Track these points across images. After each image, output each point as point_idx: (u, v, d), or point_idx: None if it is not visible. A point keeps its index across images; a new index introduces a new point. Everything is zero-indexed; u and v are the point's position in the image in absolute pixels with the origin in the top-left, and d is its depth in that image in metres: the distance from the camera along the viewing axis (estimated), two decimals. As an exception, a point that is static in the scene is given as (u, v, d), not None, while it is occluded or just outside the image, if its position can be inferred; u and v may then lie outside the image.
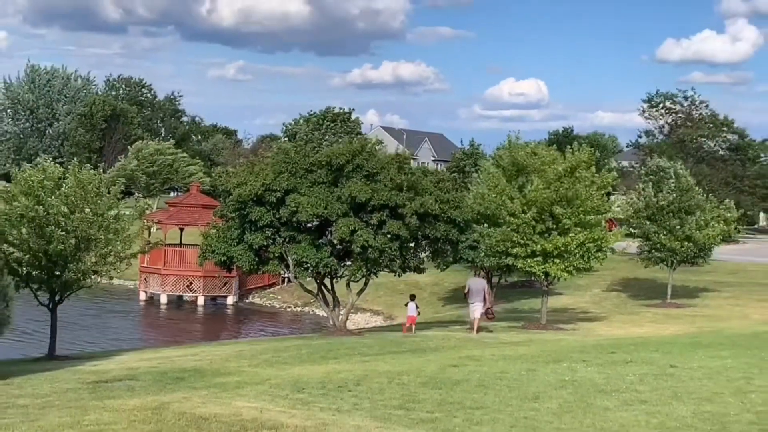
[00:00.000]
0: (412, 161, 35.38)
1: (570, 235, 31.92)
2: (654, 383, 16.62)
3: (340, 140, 43.18)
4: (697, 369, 18.73)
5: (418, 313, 35.51)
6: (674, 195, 44.11)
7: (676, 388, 16.05)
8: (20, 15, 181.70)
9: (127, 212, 31.06)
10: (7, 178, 61.30)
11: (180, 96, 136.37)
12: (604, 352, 22.41)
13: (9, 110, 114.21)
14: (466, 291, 33.75)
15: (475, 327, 31.52)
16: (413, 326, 34.02)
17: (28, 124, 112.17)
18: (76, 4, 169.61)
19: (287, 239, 32.17)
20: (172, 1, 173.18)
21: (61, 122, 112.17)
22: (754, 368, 18.92)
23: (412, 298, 36.26)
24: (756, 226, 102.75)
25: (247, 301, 54.76)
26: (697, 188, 46.27)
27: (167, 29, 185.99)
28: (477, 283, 33.19)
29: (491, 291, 38.53)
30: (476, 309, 31.95)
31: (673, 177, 45.86)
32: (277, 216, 31.72)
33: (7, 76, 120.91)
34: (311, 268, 32.34)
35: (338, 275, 33.32)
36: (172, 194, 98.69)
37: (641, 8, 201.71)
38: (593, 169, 34.09)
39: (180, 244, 54.76)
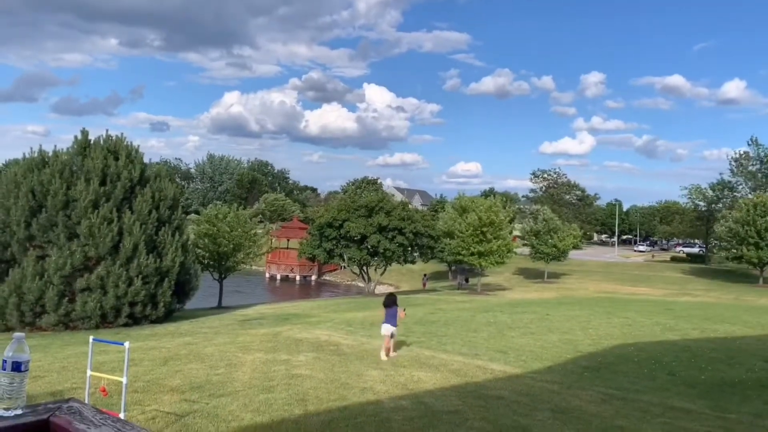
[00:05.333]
0: (409, 205, 35.33)
1: (492, 242, 31.81)
2: (538, 323, 16.48)
3: (371, 194, 42.81)
4: (561, 315, 18.58)
5: (427, 282, 39.75)
6: (544, 224, 44.22)
7: (550, 326, 15.91)
8: (205, 128, 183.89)
9: (260, 231, 31.21)
10: (197, 213, 61.60)
11: (288, 171, 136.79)
12: (511, 306, 22.27)
13: (198, 178, 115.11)
14: (454, 269, 40.55)
15: (457, 287, 36.79)
16: (425, 288, 37.82)
17: (208, 185, 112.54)
18: (235, 123, 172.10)
19: (344, 245, 32.18)
20: (285, 121, 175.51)
21: (225, 184, 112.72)
22: (592, 316, 18.79)
23: (425, 275, 38.36)
24: (592, 240, 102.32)
25: (322, 278, 54.55)
26: (559, 220, 46.27)
27: (282, 135, 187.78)
28: (460, 269, 38.85)
29: (465, 273, 41.10)
30: (460, 280, 38.38)
31: (543, 214, 45.97)
32: (339, 233, 31.75)
33: (196, 160, 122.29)
34: (356, 261, 32.33)
35: (370, 264, 33.27)
36: (282, 222, 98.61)
37: (532, 126, 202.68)
38: (503, 209, 34.19)
39: (287, 248, 54.74)
